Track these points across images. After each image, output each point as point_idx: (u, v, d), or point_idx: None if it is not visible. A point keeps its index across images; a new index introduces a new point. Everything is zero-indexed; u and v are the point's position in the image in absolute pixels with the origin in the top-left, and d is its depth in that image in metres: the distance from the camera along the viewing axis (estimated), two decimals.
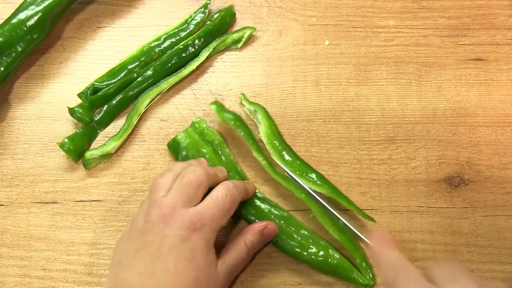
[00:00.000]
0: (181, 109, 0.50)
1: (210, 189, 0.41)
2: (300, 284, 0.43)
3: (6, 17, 0.48)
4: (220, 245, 0.40)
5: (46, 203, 0.46)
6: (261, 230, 0.42)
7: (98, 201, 0.46)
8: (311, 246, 0.42)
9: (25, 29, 0.47)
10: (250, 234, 0.42)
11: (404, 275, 0.32)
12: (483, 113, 0.49)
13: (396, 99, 0.50)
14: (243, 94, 0.49)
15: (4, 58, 0.47)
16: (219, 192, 0.40)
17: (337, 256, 0.42)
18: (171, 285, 0.35)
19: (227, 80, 0.51)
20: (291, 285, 0.43)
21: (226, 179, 0.43)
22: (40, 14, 0.48)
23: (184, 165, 0.42)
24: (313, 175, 0.45)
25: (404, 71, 0.51)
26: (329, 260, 0.42)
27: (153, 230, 0.37)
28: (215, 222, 0.38)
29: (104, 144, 0.47)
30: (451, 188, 0.47)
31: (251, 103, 0.48)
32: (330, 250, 0.42)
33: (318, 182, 0.44)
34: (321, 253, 0.42)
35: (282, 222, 0.44)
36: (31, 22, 0.47)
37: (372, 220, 0.44)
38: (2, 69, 0.47)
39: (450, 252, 0.44)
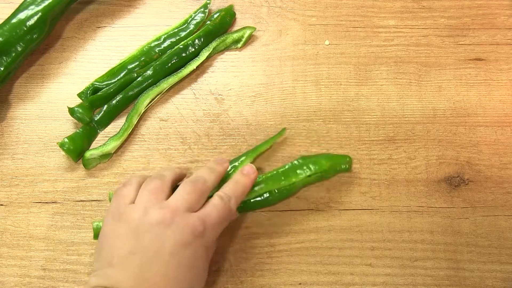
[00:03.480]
0: (181, 109, 0.50)
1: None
2: (300, 284, 0.43)
3: (6, 17, 0.48)
4: None
5: (46, 203, 0.46)
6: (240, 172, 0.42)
7: (98, 201, 0.46)
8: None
9: (25, 29, 0.47)
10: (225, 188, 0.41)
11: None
12: (483, 113, 0.49)
13: (396, 99, 0.50)
14: None
15: (4, 58, 0.47)
16: (217, 201, 0.39)
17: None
18: None
19: (227, 80, 0.51)
20: (291, 285, 0.43)
21: (226, 169, 0.43)
22: (40, 14, 0.48)
23: (171, 172, 0.41)
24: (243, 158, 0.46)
25: (404, 71, 0.51)
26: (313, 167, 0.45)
27: (151, 232, 0.36)
28: (216, 229, 0.38)
29: (104, 144, 0.47)
30: (451, 188, 0.47)
31: None
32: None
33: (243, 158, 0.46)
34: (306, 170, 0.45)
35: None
36: (31, 22, 0.47)
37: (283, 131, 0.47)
38: (2, 69, 0.47)
39: (450, 252, 0.44)
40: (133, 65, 0.50)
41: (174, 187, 0.40)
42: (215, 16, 0.52)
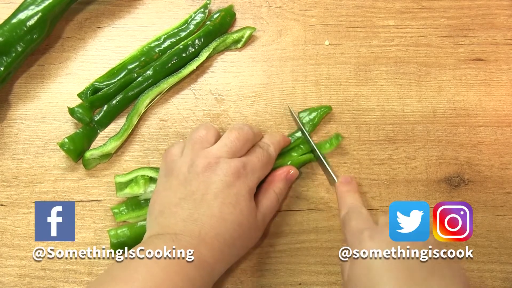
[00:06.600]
0: (181, 109, 0.50)
1: None
2: (300, 284, 0.43)
3: (6, 17, 0.48)
4: None
5: None
6: (286, 176, 0.44)
7: (98, 201, 0.46)
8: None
9: (25, 29, 0.47)
10: (276, 181, 0.44)
11: (353, 213, 0.39)
12: (483, 113, 0.49)
13: (396, 99, 0.50)
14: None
15: (4, 58, 0.47)
16: (257, 149, 0.42)
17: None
18: (215, 229, 0.37)
19: (227, 80, 0.51)
20: (291, 285, 0.43)
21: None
22: (40, 14, 0.48)
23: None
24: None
25: (404, 71, 0.51)
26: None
27: (197, 179, 0.38)
28: (257, 173, 0.41)
29: (104, 144, 0.47)
30: (451, 188, 0.47)
31: None
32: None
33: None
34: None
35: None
36: (31, 22, 0.47)
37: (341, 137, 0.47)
38: (2, 69, 0.47)
39: None
40: (133, 65, 0.50)
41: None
42: (215, 16, 0.52)
